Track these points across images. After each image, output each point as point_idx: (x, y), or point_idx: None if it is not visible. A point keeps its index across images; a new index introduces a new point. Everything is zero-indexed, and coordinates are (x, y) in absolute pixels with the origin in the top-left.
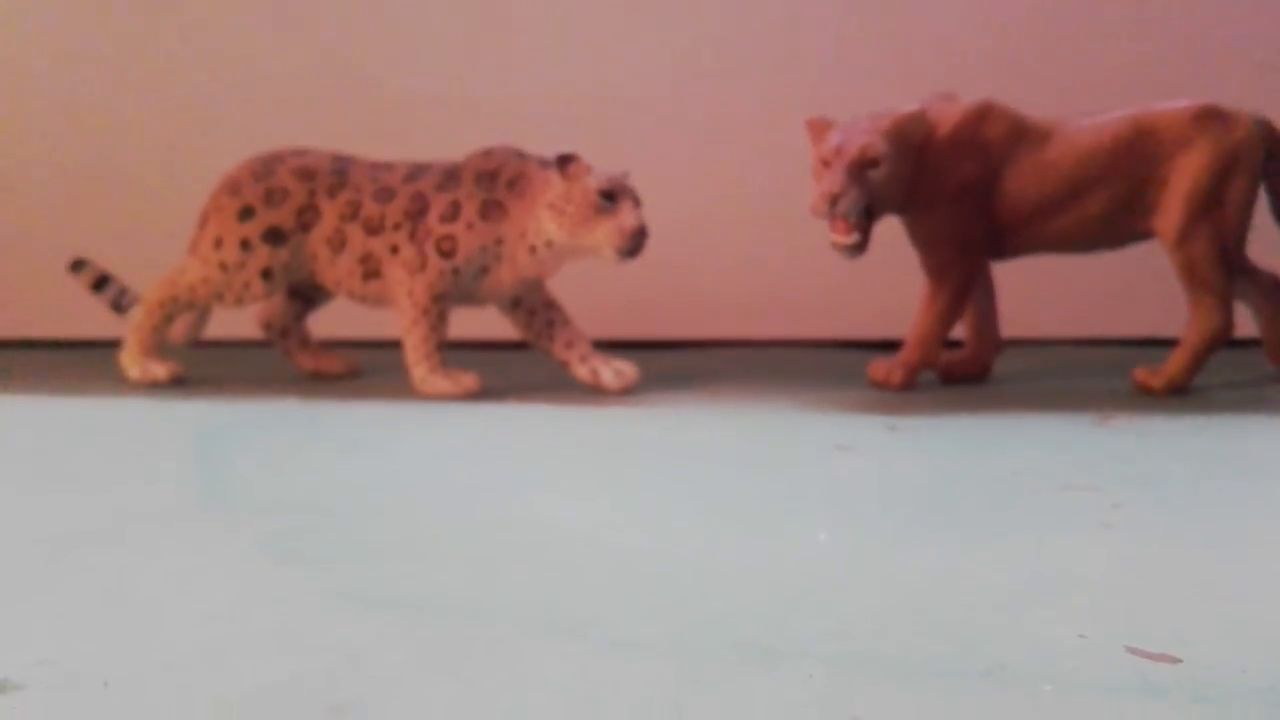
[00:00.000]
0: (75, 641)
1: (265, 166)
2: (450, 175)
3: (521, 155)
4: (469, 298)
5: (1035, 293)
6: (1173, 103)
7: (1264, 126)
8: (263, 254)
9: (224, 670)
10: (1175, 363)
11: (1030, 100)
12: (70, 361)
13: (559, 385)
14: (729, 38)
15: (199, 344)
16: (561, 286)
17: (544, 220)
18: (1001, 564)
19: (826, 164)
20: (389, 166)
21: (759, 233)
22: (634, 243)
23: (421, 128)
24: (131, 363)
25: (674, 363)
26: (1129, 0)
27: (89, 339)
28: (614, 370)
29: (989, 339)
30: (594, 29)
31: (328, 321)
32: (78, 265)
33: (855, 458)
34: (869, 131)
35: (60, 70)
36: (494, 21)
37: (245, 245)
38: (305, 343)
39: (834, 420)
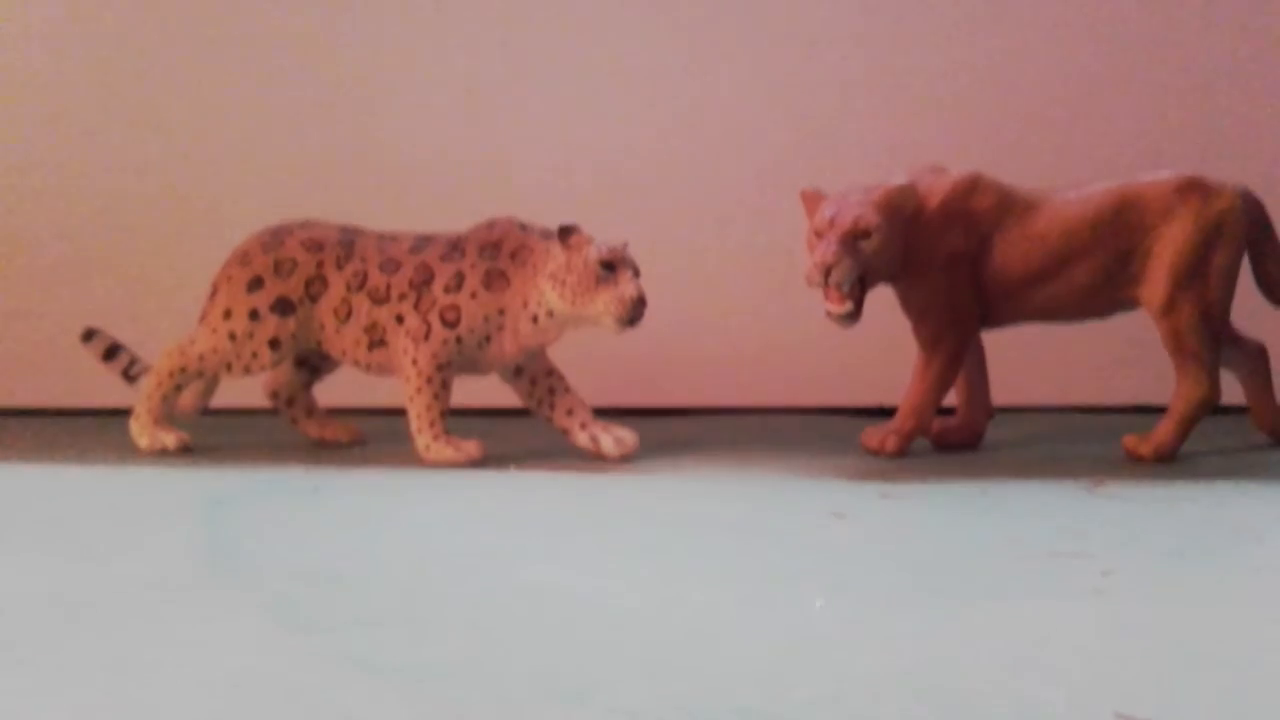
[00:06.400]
0: (82, 707)
1: (274, 238)
2: (455, 246)
3: (524, 226)
4: (472, 366)
5: (1026, 360)
6: (1157, 174)
7: (1246, 198)
8: (271, 324)
9: None
10: (1164, 430)
11: (1017, 173)
12: (81, 429)
13: (560, 452)
14: (724, 113)
15: (206, 412)
16: (562, 354)
17: (546, 290)
18: (993, 629)
19: (820, 235)
20: (395, 238)
21: (755, 302)
22: (634, 312)
23: (426, 199)
24: (141, 431)
25: (673, 430)
26: (1111, 78)
27: (100, 407)
28: (614, 438)
29: (981, 406)
30: (594, 107)
31: (333, 390)
32: (89, 335)
33: (850, 525)
34: (861, 203)
35: (73, 143)
36: (497, 98)
37: (254, 315)
38: (311, 411)
39: (829, 487)
